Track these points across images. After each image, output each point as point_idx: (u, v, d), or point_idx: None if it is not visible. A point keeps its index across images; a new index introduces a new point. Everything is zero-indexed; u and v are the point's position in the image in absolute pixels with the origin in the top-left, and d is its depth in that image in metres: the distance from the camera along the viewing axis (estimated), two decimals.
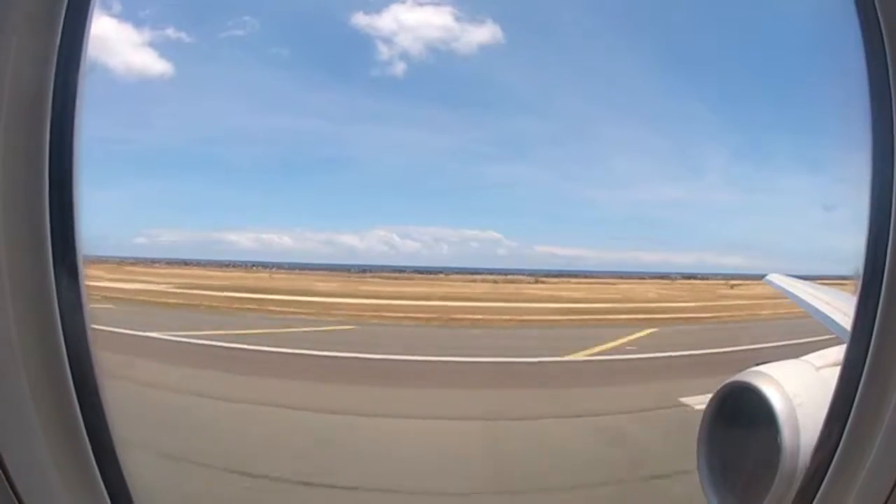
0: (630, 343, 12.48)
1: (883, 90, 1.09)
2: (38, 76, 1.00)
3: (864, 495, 1.09)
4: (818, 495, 1.16)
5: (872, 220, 1.13)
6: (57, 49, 1.01)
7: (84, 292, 1.09)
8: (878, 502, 1.07)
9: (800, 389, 1.74)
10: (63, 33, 1.01)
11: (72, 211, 1.06)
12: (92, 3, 1.06)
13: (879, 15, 1.09)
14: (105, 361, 1.14)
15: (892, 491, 1.06)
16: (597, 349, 11.79)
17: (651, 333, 13.90)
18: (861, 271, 1.13)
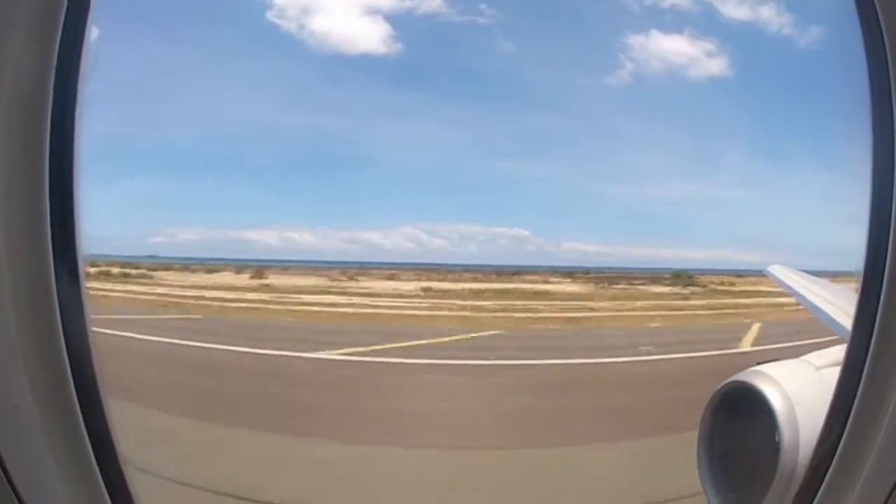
0: None
1: (882, 87, 1.10)
2: (39, 74, 1.00)
3: (864, 495, 1.09)
4: (818, 495, 1.16)
5: (873, 217, 1.13)
6: (57, 47, 1.01)
7: (84, 292, 1.09)
8: (879, 502, 1.07)
9: (799, 389, 1.74)
10: (63, 32, 1.01)
11: (72, 210, 1.06)
12: (92, 4, 1.05)
13: (880, 15, 1.10)
14: None
15: (892, 491, 1.06)
16: None
17: None
18: (861, 269, 1.14)
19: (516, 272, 22.34)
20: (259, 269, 21.89)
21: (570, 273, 22.58)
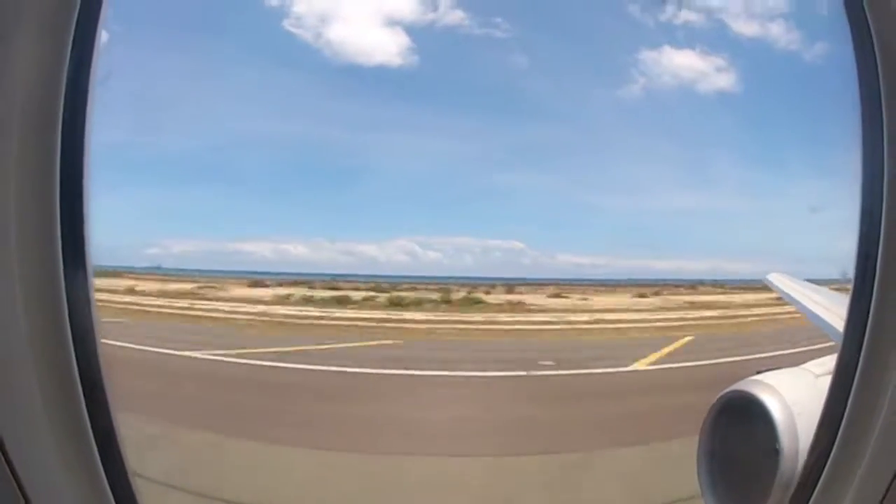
0: None
1: (872, 94, 1.12)
2: (50, 78, 1.02)
3: (857, 500, 1.09)
4: (812, 500, 1.16)
5: (863, 223, 1.15)
6: (68, 54, 1.03)
7: (93, 295, 1.11)
8: None
9: (799, 398, 1.74)
10: (74, 38, 1.03)
11: (82, 214, 1.08)
12: (103, 8, 1.08)
13: (871, 28, 1.12)
14: None
15: (885, 495, 1.06)
16: None
17: None
18: (852, 276, 1.15)
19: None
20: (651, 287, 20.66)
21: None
